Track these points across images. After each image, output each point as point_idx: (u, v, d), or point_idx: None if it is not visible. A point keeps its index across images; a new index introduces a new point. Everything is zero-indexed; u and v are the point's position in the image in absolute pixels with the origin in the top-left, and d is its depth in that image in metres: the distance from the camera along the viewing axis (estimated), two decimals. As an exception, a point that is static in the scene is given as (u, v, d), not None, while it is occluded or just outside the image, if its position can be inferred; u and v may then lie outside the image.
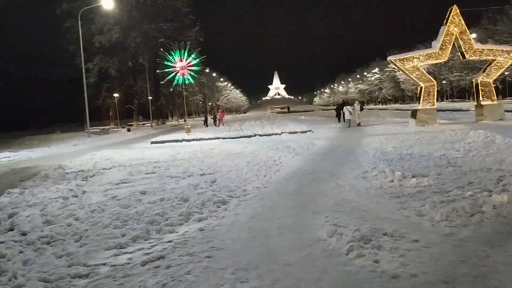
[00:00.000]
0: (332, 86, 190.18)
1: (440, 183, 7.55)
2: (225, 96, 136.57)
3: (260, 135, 22.50)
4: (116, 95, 57.64)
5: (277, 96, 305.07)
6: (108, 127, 54.59)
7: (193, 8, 62.63)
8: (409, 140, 15.17)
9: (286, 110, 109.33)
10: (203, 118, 41.06)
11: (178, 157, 14.96)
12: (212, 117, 39.78)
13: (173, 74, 25.34)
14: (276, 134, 22.72)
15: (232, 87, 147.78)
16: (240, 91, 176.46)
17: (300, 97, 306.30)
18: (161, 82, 38.50)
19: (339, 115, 32.56)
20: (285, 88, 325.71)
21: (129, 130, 42.17)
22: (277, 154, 13.91)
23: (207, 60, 74.63)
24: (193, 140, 22.45)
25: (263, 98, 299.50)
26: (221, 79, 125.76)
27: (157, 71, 31.91)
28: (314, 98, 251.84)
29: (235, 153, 14.99)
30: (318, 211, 6.36)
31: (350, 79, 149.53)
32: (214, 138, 22.50)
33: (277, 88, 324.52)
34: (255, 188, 8.48)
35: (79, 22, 33.99)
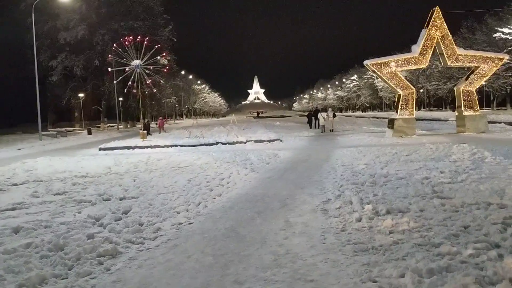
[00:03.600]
0: (311, 92, 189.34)
1: (425, 227, 5.42)
2: (202, 99, 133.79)
3: (223, 143, 20.24)
4: (81, 95, 54.43)
5: (257, 101, 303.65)
6: (71, 129, 51.54)
7: (171, 8, 60.24)
8: (384, 155, 13.13)
9: (262, 115, 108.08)
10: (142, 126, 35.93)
11: (114, 169, 12.57)
12: (146, 122, 34.90)
13: (127, 73, 22.96)
14: (241, 142, 20.48)
15: (210, 90, 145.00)
16: (218, 95, 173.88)
17: (279, 102, 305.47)
18: (114, 82, 35.72)
19: (310, 121, 33.89)
20: (264, 93, 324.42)
21: (89, 133, 39.24)
22: (230, 169, 11.69)
23: (179, 60, 72.19)
24: (147, 147, 20.00)
25: (243, 102, 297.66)
26: (198, 82, 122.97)
27: (109, 69, 29.30)
28: (294, 104, 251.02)
29: (182, 167, 12.70)
30: (242, 279, 4.13)
31: (329, 86, 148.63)
32: (171, 146, 20.12)
33: (256, 92, 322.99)
34: (175, 225, 6.20)
35: (33, 15, 31.05)
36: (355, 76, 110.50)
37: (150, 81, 23.04)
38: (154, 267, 4.58)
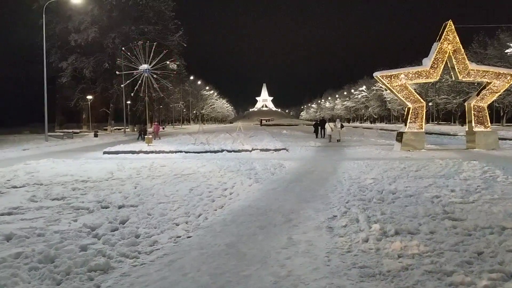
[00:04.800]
0: (319, 101, 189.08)
1: (436, 252, 5.12)
2: (210, 105, 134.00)
3: (228, 151, 20.00)
4: (89, 97, 54.59)
5: (264, 108, 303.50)
6: (78, 130, 51.66)
7: (183, 14, 60.63)
8: (393, 170, 12.81)
9: (266, 123, 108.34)
10: (138, 131, 36.21)
11: (116, 175, 12.36)
12: (138, 130, 35.28)
13: (135, 77, 22.88)
14: (246, 150, 20.23)
15: (218, 96, 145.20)
16: (226, 101, 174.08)
17: (287, 110, 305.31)
18: (120, 86, 35.79)
19: (317, 131, 34.53)
20: (272, 101, 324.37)
21: (96, 135, 39.22)
22: (234, 179, 11.44)
23: (189, 65, 72.26)
24: (152, 152, 19.81)
25: (250, 109, 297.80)
26: (207, 88, 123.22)
27: (117, 72, 29.29)
28: (301, 112, 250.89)
29: (185, 174, 12.46)
30: (240, 303, 3.86)
31: (337, 96, 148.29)
32: (176, 152, 19.91)
33: (264, 100, 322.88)
34: (172, 238, 5.94)
35: (43, 16, 31.23)
36: (364, 87, 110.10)
37: (157, 85, 22.94)
38: (146, 285, 4.32)
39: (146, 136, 23.66)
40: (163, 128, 67.80)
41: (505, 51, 48.84)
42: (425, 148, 20.76)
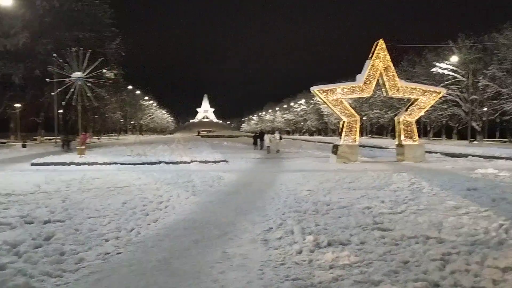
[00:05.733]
0: (260, 114, 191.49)
1: (365, 262, 5.28)
2: (149, 116, 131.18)
3: (166, 163, 19.60)
4: (18, 105, 51.42)
5: (206, 120, 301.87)
6: (5, 140, 48.42)
7: (122, 22, 58.87)
8: (328, 182, 13.16)
9: (205, 134, 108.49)
10: (61, 141, 34.89)
11: (44, 188, 11.65)
12: (63, 138, 33.98)
13: (67, 84, 21.90)
14: (185, 162, 19.94)
15: (157, 106, 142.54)
16: (166, 111, 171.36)
17: (228, 122, 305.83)
18: (51, 94, 34.15)
19: (256, 142, 35.69)
20: (214, 112, 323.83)
21: (24, 145, 36.96)
22: (171, 192, 11.18)
23: (127, 75, 70.28)
24: (84, 164, 18.94)
25: (191, 121, 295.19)
26: (146, 98, 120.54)
27: (47, 80, 27.83)
28: (242, 124, 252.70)
29: (119, 187, 12.00)
30: (169, 322, 3.73)
31: (277, 108, 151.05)
32: (110, 163, 19.20)
33: (205, 111, 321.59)
34: (101, 255, 5.65)
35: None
36: (303, 100, 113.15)
37: (92, 94, 22.05)
38: (69, 306, 4.06)
39: (78, 147, 22.60)
40: (98, 139, 65.36)
41: (431, 70, 52.27)
42: (359, 161, 21.58)
